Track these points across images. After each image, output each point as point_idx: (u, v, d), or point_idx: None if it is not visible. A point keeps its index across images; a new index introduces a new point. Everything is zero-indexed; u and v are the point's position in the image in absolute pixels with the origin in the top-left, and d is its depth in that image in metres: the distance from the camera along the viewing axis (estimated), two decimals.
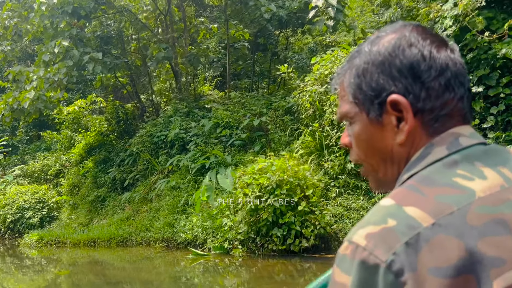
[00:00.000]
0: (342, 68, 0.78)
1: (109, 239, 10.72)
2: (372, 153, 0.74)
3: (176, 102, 12.90)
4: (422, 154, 0.68)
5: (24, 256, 11.21)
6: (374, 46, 0.72)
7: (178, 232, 9.06)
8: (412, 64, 0.68)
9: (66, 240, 11.27)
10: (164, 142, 11.90)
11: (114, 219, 11.80)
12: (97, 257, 10.25)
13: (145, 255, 9.73)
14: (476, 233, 0.57)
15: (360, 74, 0.72)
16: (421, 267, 0.56)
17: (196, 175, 10.11)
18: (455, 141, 0.67)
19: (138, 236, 10.50)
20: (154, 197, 11.21)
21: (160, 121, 12.49)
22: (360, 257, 0.59)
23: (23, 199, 15.40)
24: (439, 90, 0.68)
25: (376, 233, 0.59)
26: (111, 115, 16.41)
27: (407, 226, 0.58)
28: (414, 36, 0.70)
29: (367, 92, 0.71)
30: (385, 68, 0.70)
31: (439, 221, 0.58)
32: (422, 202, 0.61)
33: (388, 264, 0.57)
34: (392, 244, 0.57)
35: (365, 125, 0.73)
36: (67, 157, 17.32)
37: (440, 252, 0.56)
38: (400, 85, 0.69)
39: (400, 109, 0.68)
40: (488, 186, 0.62)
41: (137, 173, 12.25)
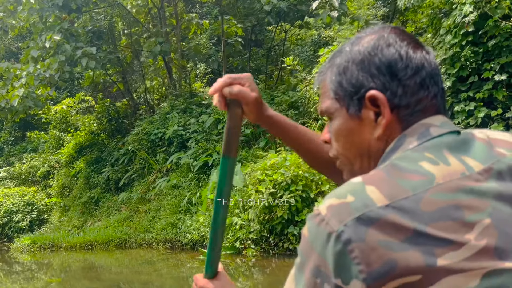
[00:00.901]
0: (324, 66, 0.81)
1: (107, 241, 10.26)
2: (350, 147, 0.78)
3: (172, 99, 12.47)
4: (395, 145, 0.73)
5: (17, 262, 10.65)
6: (354, 46, 0.77)
7: (183, 233, 8.66)
8: (390, 63, 0.73)
9: (61, 244, 10.75)
10: (161, 139, 11.46)
11: (110, 220, 11.32)
12: (98, 261, 9.77)
13: (147, 258, 9.30)
14: (427, 217, 0.61)
15: (341, 71, 0.76)
16: (369, 239, 0.60)
17: (199, 173, 9.72)
18: (425, 131, 0.71)
19: (137, 237, 10.06)
20: (153, 197, 10.78)
21: (156, 118, 12.05)
22: (318, 223, 0.65)
23: (11, 202, 14.78)
24: (415, 88, 0.72)
25: (335, 205, 0.64)
26: (102, 113, 15.87)
27: (362, 204, 0.63)
28: (392, 37, 0.75)
29: (347, 88, 0.75)
30: (364, 66, 0.74)
31: (392, 204, 0.62)
32: (383, 183, 0.65)
33: (338, 233, 0.62)
34: (345, 217, 0.62)
35: (345, 120, 0.77)
36: (56, 158, 16.71)
37: (391, 230, 0.60)
38: (379, 82, 0.73)
39: (378, 104, 0.73)
40: (449, 172, 0.65)
41: (134, 172, 11.79)
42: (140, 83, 14.91)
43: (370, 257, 0.60)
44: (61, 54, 10.71)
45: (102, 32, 12.56)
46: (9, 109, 12.27)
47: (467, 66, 6.66)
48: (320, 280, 0.65)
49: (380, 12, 14.16)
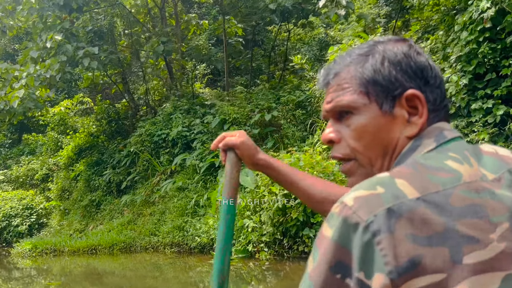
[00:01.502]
0: (337, 63, 0.81)
1: (111, 245, 10.03)
2: (375, 145, 0.77)
3: (175, 99, 12.26)
4: (412, 146, 0.74)
5: (18, 267, 10.39)
6: (387, 46, 0.78)
7: (191, 236, 8.46)
8: (422, 69, 0.76)
9: (63, 248, 10.51)
10: (165, 141, 11.26)
11: (114, 224, 11.09)
12: (101, 265, 9.54)
13: (153, 262, 9.09)
14: (456, 213, 0.62)
15: (377, 69, 0.76)
16: (398, 231, 0.60)
17: (205, 175, 9.53)
18: (440, 134, 0.74)
19: (142, 241, 9.85)
20: (157, 199, 10.57)
21: (159, 119, 11.84)
22: (344, 214, 0.63)
23: (10, 205, 14.51)
24: (440, 97, 0.77)
25: (364, 196, 0.63)
26: (101, 115, 15.63)
27: (393, 195, 0.62)
28: (419, 47, 0.79)
29: (384, 85, 0.75)
30: (402, 67, 0.76)
31: (424, 197, 0.62)
32: (413, 177, 0.65)
33: (367, 224, 0.60)
34: (375, 207, 0.61)
35: (375, 116, 0.76)
36: (55, 160, 16.44)
37: (420, 224, 0.60)
38: (415, 83, 0.76)
39: (414, 104, 0.75)
40: (473, 173, 0.67)
41: (137, 174, 11.56)
42: (141, 83, 14.69)
43: (397, 250, 0.59)
44: (62, 54, 10.48)
45: (103, 32, 12.34)
46: (8, 111, 12.01)
47: (484, 63, 6.53)
48: (341, 275, 0.62)
49: (382, 11, 14.06)
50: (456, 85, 6.78)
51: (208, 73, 19.08)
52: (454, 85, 6.81)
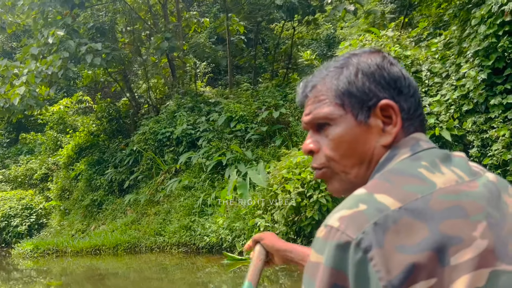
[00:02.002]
0: (315, 76, 0.83)
1: (115, 245, 9.80)
2: (351, 154, 0.78)
3: (178, 97, 12.04)
4: (389, 155, 0.76)
5: (19, 268, 10.14)
6: (360, 58, 0.80)
7: (200, 236, 8.24)
8: (396, 79, 0.78)
9: (66, 249, 10.26)
10: (169, 139, 11.03)
11: (117, 223, 10.85)
12: (106, 265, 9.32)
13: (159, 262, 8.87)
14: (438, 216, 0.63)
15: (351, 81, 0.78)
16: (388, 244, 0.61)
17: (212, 173, 9.32)
18: (416, 144, 0.76)
19: (147, 241, 9.62)
20: (162, 198, 10.34)
21: (163, 117, 11.61)
22: (333, 237, 0.63)
23: (9, 205, 14.24)
24: (415, 105, 0.79)
25: (348, 215, 0.64)
26: (102, 113, 15.38)
27: (376, 209, 0.63)
28: (392, 58, 0.81)
29: (359, 96, 0.77)
30: (375, 78, 0.78)
31: (405, 206, 0.64)
32: (391, 190, 0.67)
33: (357, 241, 0.61)
34: (362, 224, 0.62)
35: (351, 127, 0.77)
36: (54, 160, 16.17)
37: (407, 233, 0.61)
38: (388, 94, 0.77)
39: (388, 114, 0.77)
40: (446, 180, 0.69)
41: (140, 173, 11.33)
42: (143, 81, 14.46)
43: (389, 263, 0.60)
44: (65, 51, 10.24)
45: (104, 28, 12.10)
46: (7, 109, 11.75)
47: (504, 57, 6.36)
48: None
49: (387, 8, 13.91)
50: (474, 80, 6.61)
51: (208, 72, 18.90)
52: (472, 81, 6.64)
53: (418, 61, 7.67)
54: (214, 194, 8.52)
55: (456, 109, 6.80)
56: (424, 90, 7.22)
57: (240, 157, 8.96)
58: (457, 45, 7.27)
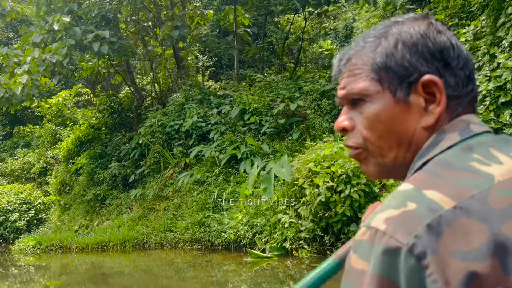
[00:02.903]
0: (351, 48, 0.76)
1: (123, 241, 9.39)
2: (388, 135, 0.71)
3: (186, 89, 11.64)
4: (434, 140, 0.68)
5: (23, 265, 9.69)
6: (402, 27, 0.71)
7: (215, 232, 7.87)
8: (442, 49, 0.69)
9: (70, 245, 9.83)
10: (178, 132, 10.63)
11: (123, 219, 10.44)
12: (112, 263, 8.91)
13: (169, 259, 8.49)
14: (499, 216, 0.56)
15: (389, 53, 0.70)
16: (443, 250, 0.55)
17: (226, 167, 8.95)
18: (466, 128, 0.67)
19: (157, 237, 9.23)
20: (171, 193, 9.95)
21: (170, 109, 11.20)
22: (380, 241, 0.57)
23: (6, 200, 13.76)
24: (464, 80, 0.69)
25: (396, 216, 0.58)
26: (104, 106, 14.92)
27: (428, 209, 0.57)
28: (440, 25, 0.71)
29: (398, 71, 0.69)
30: (417, 49, 0.69)
31: (460, 204, 0.57)
32: (441, 185, 0.60)
33: (409, 247, 0.55)
34: (413, 226, 0.56)
35: (388, 105, 0.70)
36: (53, 153, 15.69)
37: (463, 236, 0.55)
38: (433, 67, 0.68)
39: (431, 91, 0.68)
40: (505, 170, 0.61)
41: (147, 167, 10.92)
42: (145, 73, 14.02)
43: (447, 272, 0.54)
44: (70, 38, 9.78)
45: (109, 17, 11.65)
46: (7, 99, 11.27)
47: None
48: None
49: None
50: (511, 71, 6.31)
51: (210, 66, 18.49)
52: (509, 71, 6.34)
53: None
54: (230, 188, 8.14)
55: (491, 101, 6.50)
56: None
57: (256, 151, 8.60)
58: (490, 34, 6.97)
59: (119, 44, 10.64)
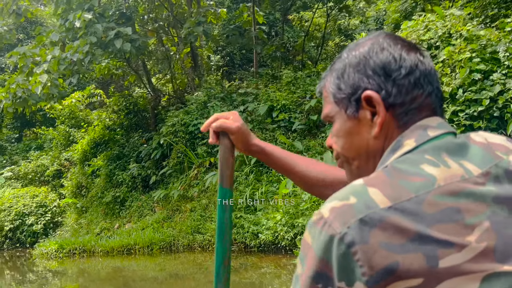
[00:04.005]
0: (325, 72, 0.86)
1: (149, 244, 9.10)
2: (349, 147, 0.80)
3: (208, 87, 11.36)
4: (393, 147, 0.74)
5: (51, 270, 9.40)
6: (351, 52, 0.80)
7: (250, 233, 7.56)
8: (384, 64, 0.76)
9: (94, 248, 9.53)
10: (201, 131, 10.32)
11: (147, 221, 10.15)
12: (145, 266, 8.61)
13: (198, 262, 8.20)
14: (429, 219, 0.62)
15: (340, 75, 0.80)
16: (373, 240, 0.61)
17: (256, 166, 8.65)
18: (423, 133, 0.73)
19: (184, 239, 8.93)
20: (196, 194, 9.65)
21: (193, 108, 10.91)
22: (322, 227, 0.65)
23: (22, 203, 13.47)
24: (409, 87, 0.75)
25: (338, 207, 0.65)
26: (119, 106, 14.64)
27: (365, 205, 0.63)
28: (387, 41, 0.79)
29: (345, 91, 0.79)
30: (360, 68, 0.77)
31: (395, 205, 0.63)
32: (385, 185, 0.65)
33: (341, 236, 0.62)
34: (348, 219, 0.63)
35: (344, 122, 0.79)
36: (67, 155, 15.43)
37: (393, 232, 0.61)
38: (374, 82, 0.76)
39: (374, 104, 0.75)
40: (450, 175, 0.66)
41: (170, 168, 10.63)
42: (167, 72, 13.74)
43: (372, 259, 0.61)
44: (92, 35, 9.51)
45: (128, 15, 11.37)
46: (24, 100, 11.00)
47: None
48: (322, 285, 0.65)
49: None
50: None
51: (223, 65, 18.23)
52: None
53: (491, 42, 7.05)
54: (263, 188, 7.84)
55: None
56: (504, 73, 6.59)
57: (287, 149, 8.29)
58: None
59: (140, 42, 10.36)
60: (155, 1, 12.42)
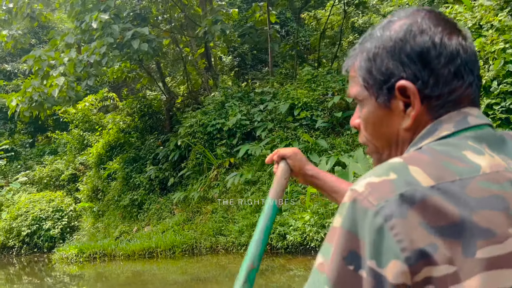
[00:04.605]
0: (354, 50, 0.79)
1: (171, 247, 8.93)
2: (378, 136, 0.75)
3: (225, 87, 11.19)
4: (429, 129, 0.70)
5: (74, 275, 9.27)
6: (385, 31, 0.73)
7: (278, 234, 7.36)
8: (422, 51, 0.69)
9: (115, 252, 9.39)
10: (220, 131, 10.17)
11: (167, 223, 9.99)
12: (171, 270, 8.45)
13: (224, 265, 8.01)
14: (473, 204, 0.58)
15: (371, 58, 0.73)
16: (412, 218, 0.57)
17: None
18: (462, 120, 0.68)
19: (206, 241, 8.76)
20: (216, 195, 9.48)
21: (210, 108, 10.75)
22: (355, 201, 0.60)
23: (39, 208, 13.38)
24: (448, 77, 0.69)
25: (376, 182, 0.61)
26: (133, 109, 14.53)
27: (406, 182, 0.59)
28: (426, 22, 0.71)
29: (377, 77, 0.72)
30: (395, 53, 0.70)
31: (438, 185, 0.59)
32: (428, 164, 0.62)
33: (378, 208, 0.58)
34: (387, 193, 0.59)
35: (374, 109, 0.74)
36: (82, 159, 15.34)
37: (433, 212, 0.57)
38: (409, 71, 0.70)
39: (408, 94, 0.70)
40: (495, 163, 0.63)
41: (189, 169, 10.47)
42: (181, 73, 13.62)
43: (413, 234, 0.56)
44: (108, 36, 9.38)
45: (143, 15, 11.25)
46: (40, 103, 10.91)
47: None
48: (354, 266, 0.59)
49: None
50: None
51: (235, 66, 18.08)
52: None
53: None
54: (288, 187, 7.65)
55: None
56: None
57: (311, 147, 8.10)
58: None
59: (156, 42, 10.22)
60: (169, 2, 12.29)
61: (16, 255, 12.83)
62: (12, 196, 14.89)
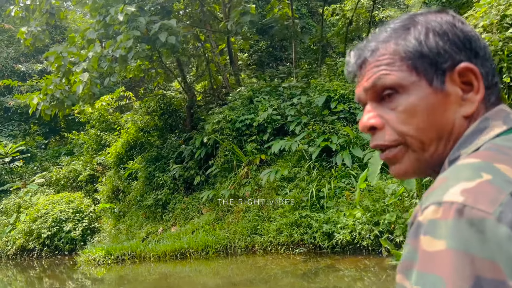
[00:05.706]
0: (373, 40, 0.72)
1: (204, 247, 8.55)
2: (429, 127, 0.67)
3: (252, 82, 10.81)
4: (478, 127, 0.65)
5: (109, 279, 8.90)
6: (429, 17, 0.70)
7: (323, 232, 6.95)
8: (470, 39, 0.67)
9: (144, 253, 9.02)
10: (248, 127, 9.78)
11: (196, 223, 9.62)
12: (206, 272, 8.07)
13: (261, 265, 7.62)
14: None
15: (422, 40, 0.68)
16: None
17: (318, 160, 8.06)
18: (507, 117, 0.65)
19: (241, 241, 8.37)
20: (248, 193, 9.09)
21: (237, 104, 10.38)
22: (460, 215, 0.51)
23: (58, 209, 13.05)
24: (492, 70, 0.68)
25: (473, 187, 0.53)
26: (153, 107, 14.19)
27: (505, 181, 0.53)
28: (462, 18, 0.70)
29: (432, 58, 0.67)
30: (449, 37, 0.67)
31: None
32: (510, 161, 0.56)
33: (497, 216, 0.50)
34: (496, 195, 0.52)
35: (426, 95, 0.67)
36: (101, 159, 15.01)
37: None
38: (465, 56, 0.67)
39: (467, 79, 0.66)
40: None
41: (218, 167, 10.09)
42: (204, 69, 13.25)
43: None
44: (135, 30, 9.03)
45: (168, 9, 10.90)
46: (61, 102, 10.59)
47: None
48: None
49: None
50: None
51: (252, 63, 17.72)
52: None
53: None
54: (332, 183, 7.25)
55: None
56: None
57: (353, 141, 7.70)
58: None
59: (181, 36, 9.86)
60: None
61: (36, 257, 12.52)
62: (30, 198, 14.58)
